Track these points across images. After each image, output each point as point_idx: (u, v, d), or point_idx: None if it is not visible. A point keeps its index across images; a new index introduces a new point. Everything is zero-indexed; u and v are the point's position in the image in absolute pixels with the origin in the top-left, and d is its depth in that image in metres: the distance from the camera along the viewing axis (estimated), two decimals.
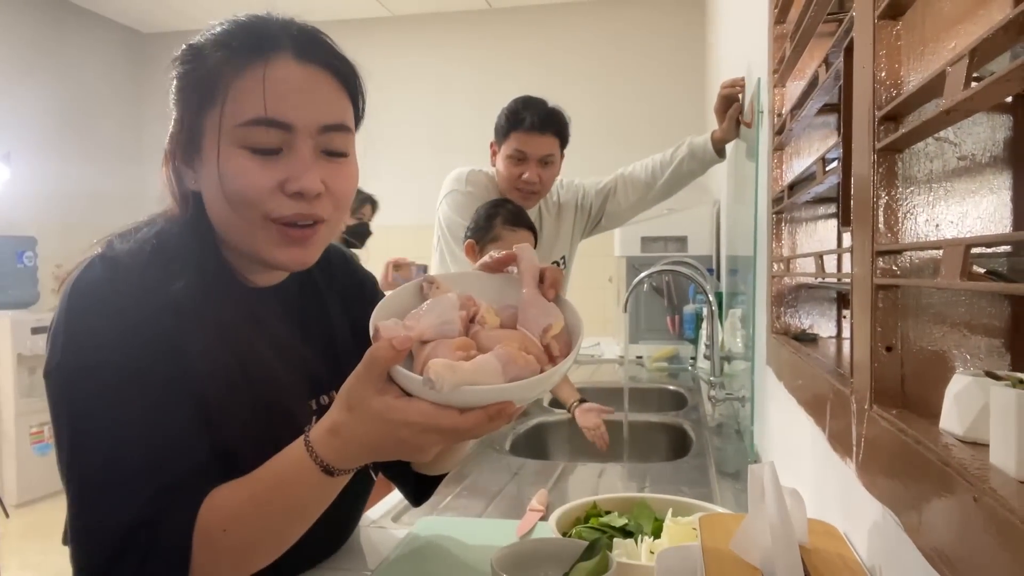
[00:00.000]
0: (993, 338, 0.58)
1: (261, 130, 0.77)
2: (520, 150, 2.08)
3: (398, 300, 0.74)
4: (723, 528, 0.67)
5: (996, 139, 0.59)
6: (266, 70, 0.77)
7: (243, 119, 0.76)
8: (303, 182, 0.77)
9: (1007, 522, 0.36)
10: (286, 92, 0.77)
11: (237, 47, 0.78)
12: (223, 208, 0.80)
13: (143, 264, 0.78)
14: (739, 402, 1.70)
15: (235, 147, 0.77)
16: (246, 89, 0.77)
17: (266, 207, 0.78)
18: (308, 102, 0.79)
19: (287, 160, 0.78)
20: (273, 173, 0.77)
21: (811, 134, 1.13)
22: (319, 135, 0.79)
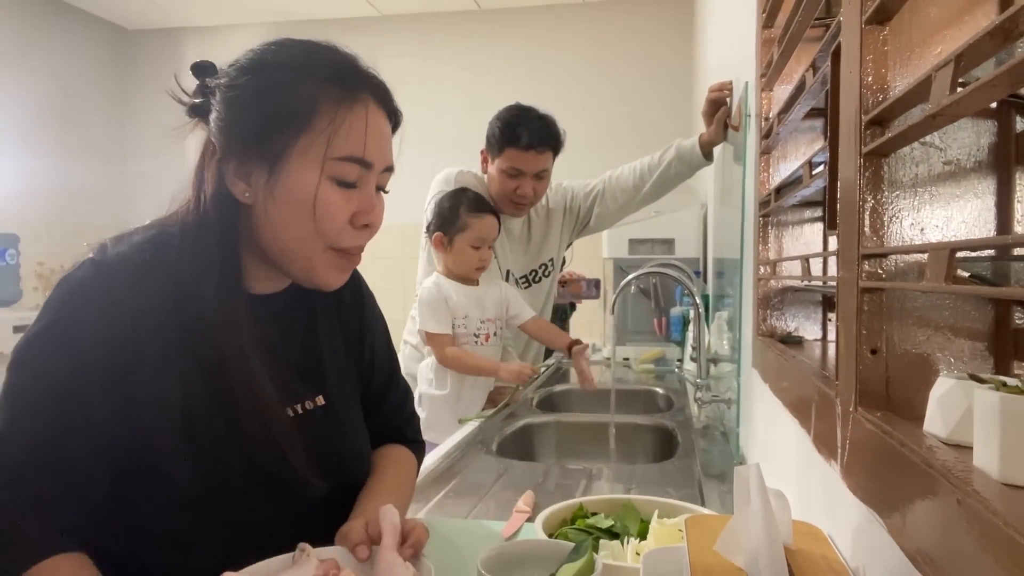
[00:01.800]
0: (977, 341, 0.58)
1: (352, 167, 0.83)
2: (516, 167, 2.08)
3: (269, 566, 0.76)
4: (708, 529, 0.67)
5: (981, 144, 0.59)
6: (368, 114, 0.85)
7: (342, 154, 0.82)
8: (372, 217, 0.86)
9: (990, 524, 0.36)
10: (374, 136, 0.85)
11: (331, 79, 0.83)
12: (291, 231, 0.83)
13: (131, 271, 0.80)
14: (725, 404, 1.71)
15: (323, 176, 0.82)
16: (350, 127, 0.83)
17: (337, 237, 0.84)
18: (383, 145, 0.88)
19: (359, 195, 0.85)
20: (350, 206, 0.84)
21: (798, 138, 1.14)
22: (381, 173, 0.88)
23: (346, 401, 0.99)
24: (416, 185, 2.34)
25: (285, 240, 0.84)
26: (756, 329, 1.20)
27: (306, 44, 0.86)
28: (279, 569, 0.76)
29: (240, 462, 0.82)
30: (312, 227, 0.82)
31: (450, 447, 1.61)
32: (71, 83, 5.29)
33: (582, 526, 0.93)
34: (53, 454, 0.75)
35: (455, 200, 1.99)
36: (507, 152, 2.08)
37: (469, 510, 1.24)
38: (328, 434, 0.93)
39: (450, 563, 0.94)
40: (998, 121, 0.59)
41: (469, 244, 1.98)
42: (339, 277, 0.89)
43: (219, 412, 0.81)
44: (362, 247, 0.88)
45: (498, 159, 2.10)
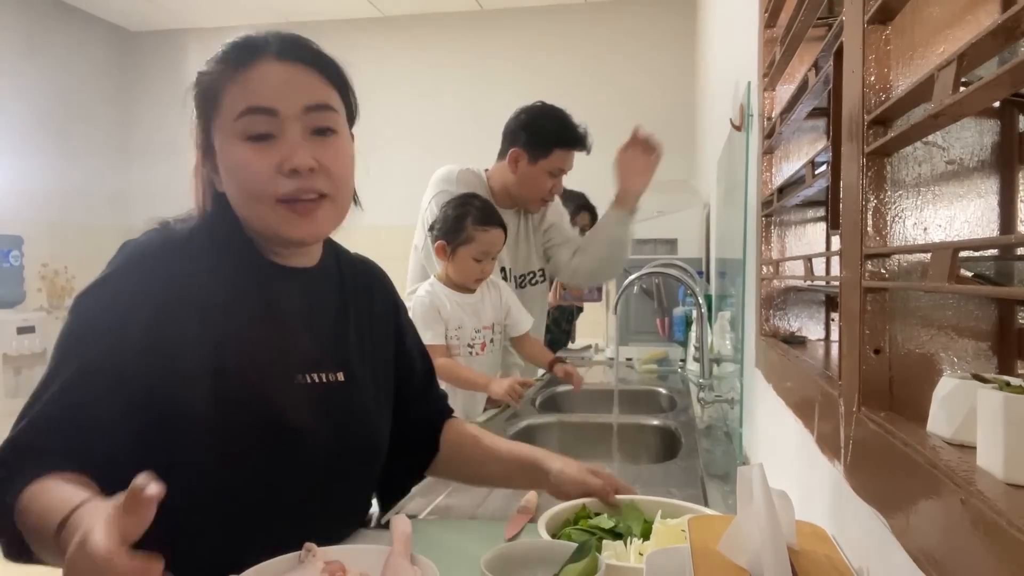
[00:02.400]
0: (980, 341, 0.58)
1: (250, 119, 0.88)
2: (561, 168, 2.12)
3: (274, 566, 0.76)
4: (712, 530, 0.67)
5: (984, 143, 0.59)
6: (249, 70, 0.89)
7: (235, 113, 0.88)
8: (295, 160, 0.88)
9: (994, 524, 0.36)
10: (266, 82, 0.89)
11: (230, 60, 0.91)
12: (238, 197, 0.91)
13: (183, 245, 0.91)
14: (728, 404, 1.70)
15: (235, 140, 0.89)
16: (237, 89, 0.89)
17: (269, 188, 0.88)
18: (289, 89, 0.90)
19: (279, 144, 0.88)
20: (269, 157, 0.88)
21: (800, 138, 1.14)
22: (305, 116, 0.90)
23: (367, 383, 1.03)
24: (418, 185, 2.33)
25: (239, 208, 0.92)
26: (759, 329, 1.19)
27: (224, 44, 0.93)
28: (285, 569, 0.76)
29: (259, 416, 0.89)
30: (243, 186, 0.89)
31: None
32: (74, 84, 5.30)
33: (585, 527, 0.93)
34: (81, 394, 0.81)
35: (462, 209, 1.93)
36: (556, 152, 2.10)
37: (472, 511, 1.24)
38: (342, 404, 0.98)
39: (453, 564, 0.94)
40: (1001, 120, 0.59)
41: (472, 256, 1.93)
42: (298, 228, 0.91)
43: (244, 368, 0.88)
44: (309, 191, 0.90)
45: (543, 160, 2.10)
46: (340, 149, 0.94)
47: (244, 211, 0.93)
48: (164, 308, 0.85)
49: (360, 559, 0.79)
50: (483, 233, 1.90)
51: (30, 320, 4.29)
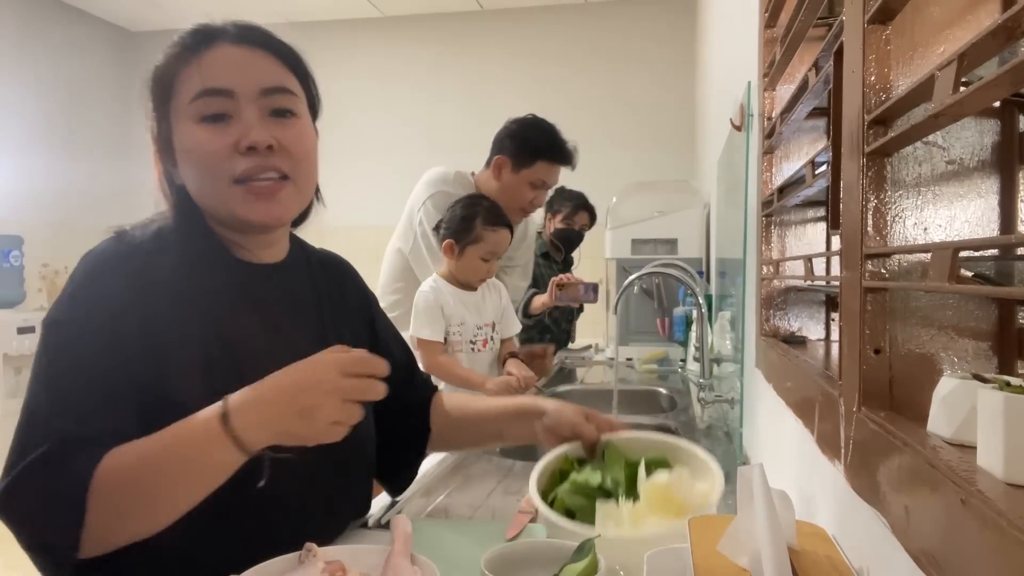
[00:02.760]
0: (980, 341, 0.58)
1: (205, 101, 0.87)
2: (543, 180, 2.14)
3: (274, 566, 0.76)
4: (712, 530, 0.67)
5: (984, 143, 0.59)
6: (204, 55, 0.88)
7: (190, 96, 0.87)
8: (251, 136, 0.86)
9: (994, 524, 0.36)
10: (222, 64, 0.88)
11: (186, 46, 0.90)
12: (195, 181, 0.89)
13: (148, 248, 0.87)
14: (728, 404, 1.70)
15: (190, 123, 0.88)
16: (192, 72, 0.88)
17: (226, 168, 0.87)
18: (245, 71, 0.89)
19: (236, 124, 0.87)
20: (225, 137, 0.87)
21: (800, 138, 1.14)
22: (262, 98, 0.89)
23: None
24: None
25: (197, 194, 0.91)
26: (759, 329, 1.19)
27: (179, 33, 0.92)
28: (285, 569, 0.76)
29: None
30: (199, 167, 0.88)
31: None
32: (74, 85, 5.30)
33: (575, 487, 0.93)
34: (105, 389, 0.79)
35: (471, 209, 1.94)
36: (540, 164, 2.12)
37: (472, 511, 1.24)
38: None
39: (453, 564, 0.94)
40: (1001, 120, 0.59)
41: (479, 256, 1.95)
42: (257, 209, 0.89)
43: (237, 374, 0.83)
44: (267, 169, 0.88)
45: (526, 170, 2.12)
46: (301, 131, 0.92)
47: (202, 196, 0.90)
48: (146, 317, 0.82)
49: (360, 559, 0.79)
50: (492, 233, 1.93)
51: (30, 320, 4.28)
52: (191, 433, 0.75)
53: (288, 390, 0.75)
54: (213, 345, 0.86)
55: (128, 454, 0.74)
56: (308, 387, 0.74)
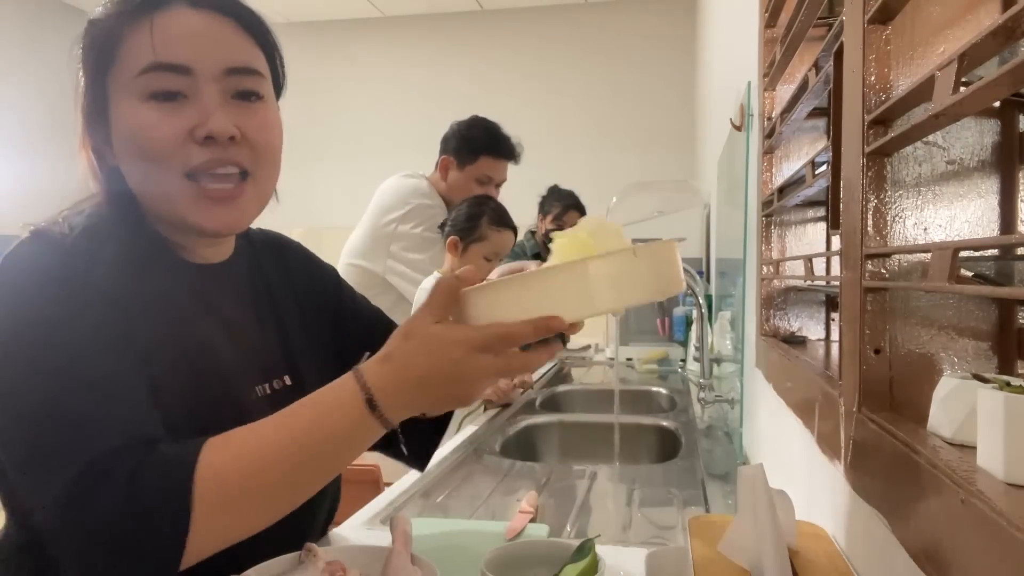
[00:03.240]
0: (980, 341, 0.58)
1: (156, 76, 0.73)
2: (489, 175, 2.18)
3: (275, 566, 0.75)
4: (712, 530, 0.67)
5: (984, 143, 0.59)
6: (155, 17, 0.74)
7: (138, 69, 0.73)
8: (210, 125, 0.73)
9: (994, 524, 0.36)
10: (179, 35, 0.74)
11: (128, 5, 0.75)
12: (138, 172, 0.76)
13: (76, 243, 0.73)
14: (728, 404, 1.70)
15: (136, 101, 0.73)
16: (140, 40, 0.73)
17: (178, 158, 0.74)
18: (207, 44, 0.75)
19: (193, 106, 0.74)
20: (179, 121, 0.73)
21: (800, 138, 1.14)
22: (225, 78, 0.76)
23: (312, 377, 0.87)
24: None
25: (140, 183, 0.77)
26: (759, 329, 1.19)
27: None
28: (285, 569, 0.76)
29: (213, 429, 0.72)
30: (145, 154, 0.74)
31: (453, 447, 1.61)
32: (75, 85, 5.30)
33: None
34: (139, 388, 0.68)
35: (478, 209, 1.96)
36: (483, 160, 2.17)
37: (472, 511, 1.24)
38: None
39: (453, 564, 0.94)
40: (1001, 120, 0.59)
41: (483, 255, 1.95)
42: (213, 215, 0.76)
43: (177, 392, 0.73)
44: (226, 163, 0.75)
45: (470, 166, 2.18)
46: (267, 118, 0.79)
47: (144, 188, 0.77)
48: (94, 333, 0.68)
49: (360, 559, 0.79)
50: (497, 234, 1.94)
51: None
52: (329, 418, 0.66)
53: (436, 381, 0.65)
54: (179, 359, 0.74)
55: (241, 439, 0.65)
56: (460, 379, 0.65)
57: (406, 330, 0.67)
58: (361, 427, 0.66)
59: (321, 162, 5.13)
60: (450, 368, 0.65)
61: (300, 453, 0.65)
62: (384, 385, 0.66)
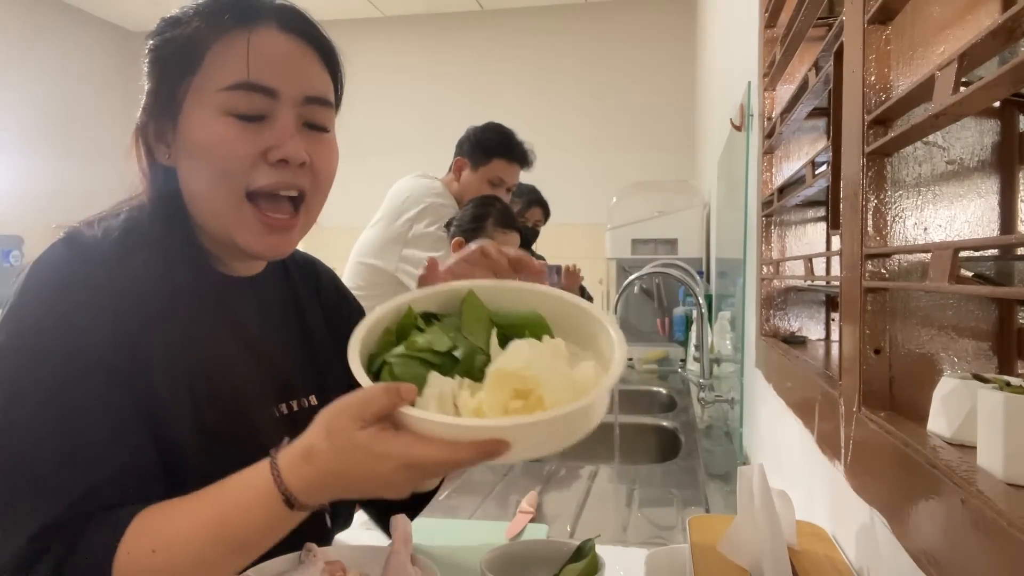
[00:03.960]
0: (980, 341, 0.58)
1: (244, 95, 0.74)
2: (501, 178, 2.20)
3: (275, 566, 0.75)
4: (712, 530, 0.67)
5: (984, 143, 0.59)
6: (251, 35, 0.75)
7: (225, 83, 0.74)
8: (287, 149, 0.75)
9: (994, 524, 0.36)
10: (271, 58, 0.76)
11: (219, 15, 0.76)
12: (200, 182, 0.77)
13: (105, 249, 0.74)
14: (728, 404, 1.70)
15: (216, 114, 0.75)
16: (229, 54, 0.75)
17: (247, 177, 0.75)
18: (293, 71, 0.77)
19: (270, 128, 0.76)
20: (256, 141, 0.75)
21: (801, 138, 1.14)
22: (302, 106, 0.78)
23: None
24: None
25: (199, 193, 0.78)
26: (759, 329, 1.19)
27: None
28: (285, 569, 0.76)
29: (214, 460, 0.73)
30: (214, 168, 0.75)
31: None
32: (74, 85, 5.30)
33: (412, 350, 0.65)
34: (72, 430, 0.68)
35: (484, 209, 1.97)
36: (495, 162, 2.19)
37: (472, 510, 1.24)
38: None
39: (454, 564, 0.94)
40: (1001, 120, 0.59)
41: None
42: (265, 241, 0.78)
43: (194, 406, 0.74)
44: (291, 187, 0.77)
45: (483, 168, 2.20)
46: (332, 150, 0.82)
47: (202, 198, 0.78)
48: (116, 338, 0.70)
49: (360, 559, 0.79)
50: (502, 235, 1.94)
51: None
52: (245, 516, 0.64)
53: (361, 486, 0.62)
54: (196, 374, 0.75)
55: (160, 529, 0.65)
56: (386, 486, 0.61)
57: (329, 427, 0.62)
58: (280, 521, 0.64)
59: None
60: (374, 478, 0.61)
61: (218, 547, 0.65)
62: (303, 485, 0.63)
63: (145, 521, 0.65)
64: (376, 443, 0.60)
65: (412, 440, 0.59)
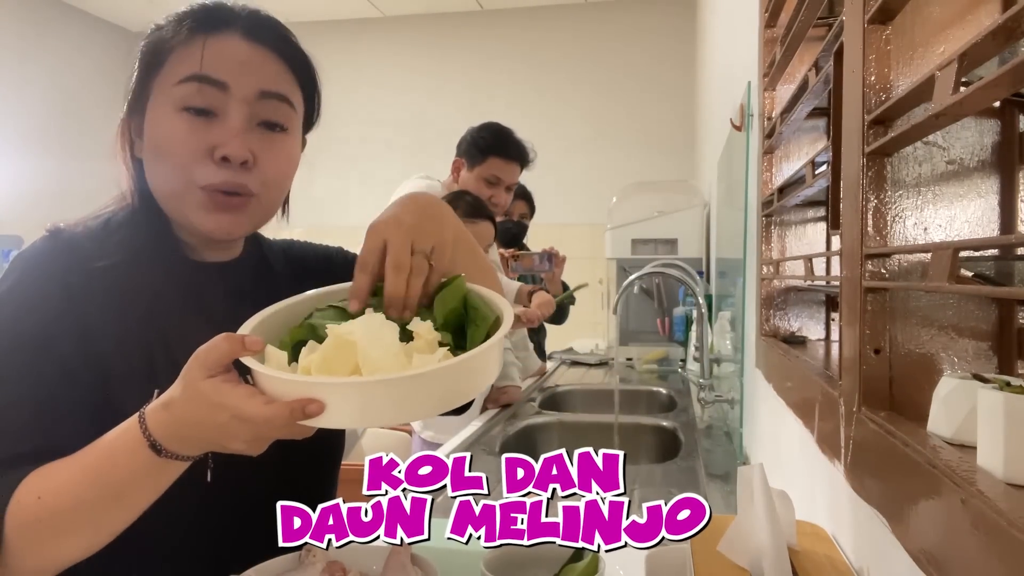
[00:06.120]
0: (980, 341, 0.58)
1: (196, 88, 0.78)
2: (497, 176, 2.21)
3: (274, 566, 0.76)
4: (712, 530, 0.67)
5: (984, 143, 0.59)
6: (208, 36, 0.79)
7: (178, 76, 0.78)
8: (229, 148, 0.77)
9: (994, 524, 0.36)
10: (226, 57, 0.79)
11: (190, 21, 0.81)
12: (155, 175, 0.81)
13: (81, 240, 0.80)
14: (728, 404, 1.70)
15: (172, 109, 0.78)
16: (189, 53, 0.79)
17: (192, 173, 0.78)
18: (247, 68, 0.80)
19: (220, 125, 0.79)
20: (203, 137, 0.78)
21: (801, 138, 1.14)
22: (256, 102, 0.80)
23: None
24: None
25: (154, 183, 0.82)
26: (759, 329, 1.19)
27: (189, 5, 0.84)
28: (285, 569, 0.76)
29: None
30: (165, 161, 0.79)
31: (452, 447, 1.61)
32: (74, 85, 5.30)
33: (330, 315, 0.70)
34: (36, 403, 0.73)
35: (452, 204, 1.99)
36: (491, 160, 2.19)
37: None
38: None
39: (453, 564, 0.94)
40: (1001, 120, 0.59)
41: None
42: (215, 220, 0.80)
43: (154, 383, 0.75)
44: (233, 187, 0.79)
45: (479, 167, 2.21)
46: (285, 151, 0.84)
47: (159, 186, 0.82)
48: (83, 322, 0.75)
49: (360, 559, 0.79)
50: (472, 225, 1.97)
51: None
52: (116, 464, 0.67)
53: (208, 435, 0.65)
54: (157, 352, 0.78)
55: (45, 481, 0.68)
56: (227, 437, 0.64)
57: (184, 376, 0.66)
58: (155, 467, 0.67)
59: (321, 162, 5.13)
60: (216, 428, 0.64)
61: (94, 490, 0.67)
62: (165, 433, 0.66)
63: (38, 474, 0.69)
64: (215, 392, 0.63)
65: (248, 393, 0.62)
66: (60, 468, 0.69)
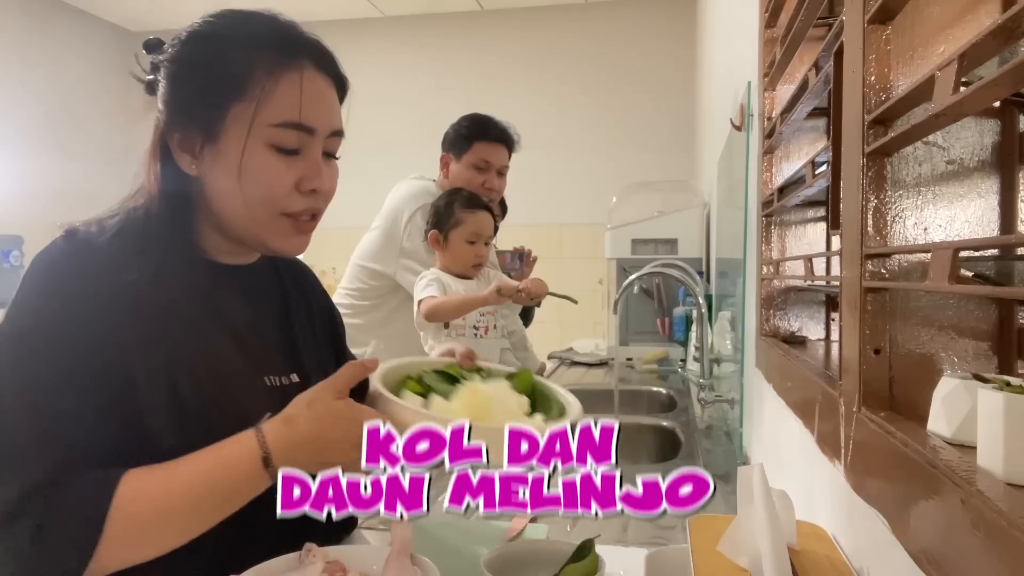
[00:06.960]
0: (980, 341, 0.58)
1: (289, 132, 0.84)
2: (485, 159, 2.19)
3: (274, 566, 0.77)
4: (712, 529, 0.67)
5: (984, 143, 0.59)
6: (294, 72, 0.84)
7: (277, 120, 0.83)
8: (319, 182, 0.86)
9: (994, 524, 0.36)
10: (313, 98, 0.85)
11: (266, 47, 0.84)
12: (237, 200, 0.85)
13: (101, 242, 0.82)
14: (728, 404, 1.70)
15: (261, 144, 0.83)
16: (283, 93, 0.83)
17: (283, 204, 0.85)
18: (327, 110, 0.87)
19: (303, 160, 0.86)
20: (292, 172, 0.85)
21: (801, 138, 1.14)
22: (327, 139, 0.88)
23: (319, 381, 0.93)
24: None
25: (233, 209, 0.86)
26: (759, 329, 1.19)
27: (243, 14, 0.87)
28: (284, 569, 0.76)
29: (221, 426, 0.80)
30: (256, 194, 0.84)
31: None
32: (75, 84, 5.30)
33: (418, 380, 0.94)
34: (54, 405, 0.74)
35: (450, 198, 2.01)
36: (476, 146, 2.19)
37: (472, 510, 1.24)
38: None
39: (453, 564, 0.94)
40: (1001, 120, 0.59)
41: (464, 239, 1.97)
42: (294, 242, 0.89)
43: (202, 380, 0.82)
44: (314, 213, 0.89)
45: (466, 155, 2.20)
46: (336, 173, 0.92)
47: (241, 216, 0.86)
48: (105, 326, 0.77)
49: (360, 559, 0.79)
50: (471, 215, 1.97)
51: None
52: (228, 471, 0.75)
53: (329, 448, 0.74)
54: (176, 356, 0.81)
55: (152, 482, 0.73)
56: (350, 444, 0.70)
57: (310, 399, 0.77)
58: (258, 480, 0.75)
59: None
60: (347, 441, 0.73)
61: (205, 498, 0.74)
62: (281, 446, 0.75)
63: (137, 477, 0.73)
64: (350, 408, 0.76)
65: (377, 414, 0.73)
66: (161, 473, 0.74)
